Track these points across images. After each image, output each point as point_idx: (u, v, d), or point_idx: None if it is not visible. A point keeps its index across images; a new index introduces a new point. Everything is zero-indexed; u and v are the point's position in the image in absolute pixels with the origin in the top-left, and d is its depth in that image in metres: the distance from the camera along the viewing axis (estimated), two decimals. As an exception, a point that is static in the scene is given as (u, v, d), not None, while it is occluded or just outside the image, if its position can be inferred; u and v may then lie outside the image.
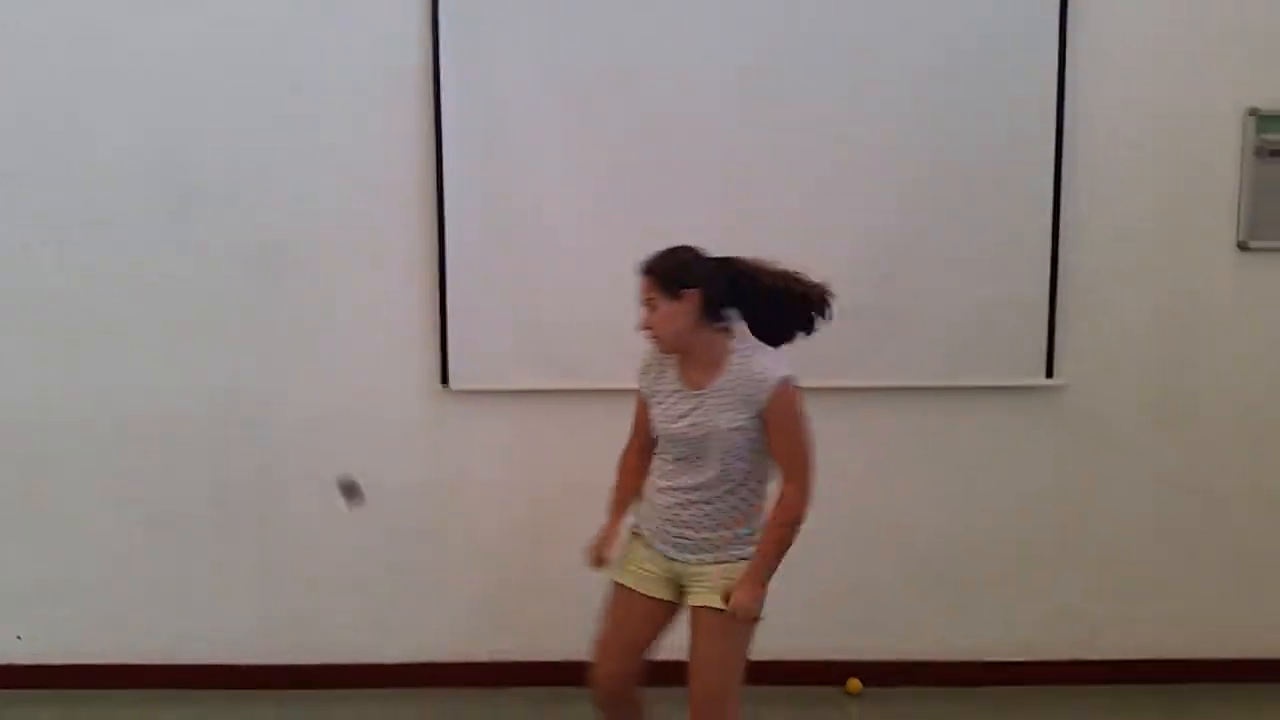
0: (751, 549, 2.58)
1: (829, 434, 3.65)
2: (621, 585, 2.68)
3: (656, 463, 2.69)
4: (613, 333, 3.54)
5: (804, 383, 3.54)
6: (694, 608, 2.59)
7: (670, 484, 2.61)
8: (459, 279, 3.59)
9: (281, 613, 3.78)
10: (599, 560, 2.71)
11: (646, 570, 2.65)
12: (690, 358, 2.59)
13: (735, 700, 2.59)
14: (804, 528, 3.63)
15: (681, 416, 2.56)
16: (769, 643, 3.71)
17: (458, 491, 3.72)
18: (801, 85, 3.54)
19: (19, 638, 3.79)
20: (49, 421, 3.70)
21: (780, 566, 2.62)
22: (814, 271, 3.52)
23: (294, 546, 3.75)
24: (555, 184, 3.56)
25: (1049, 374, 3.64)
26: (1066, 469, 3.73)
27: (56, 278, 3.65)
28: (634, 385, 2.75)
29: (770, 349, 2.60)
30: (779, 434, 2.54)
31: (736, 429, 2.51)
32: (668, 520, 2.61)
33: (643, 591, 2.65)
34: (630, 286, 2.59)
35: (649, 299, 2.54)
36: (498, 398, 3.65)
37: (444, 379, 3.65)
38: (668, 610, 2.66)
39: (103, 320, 3.66)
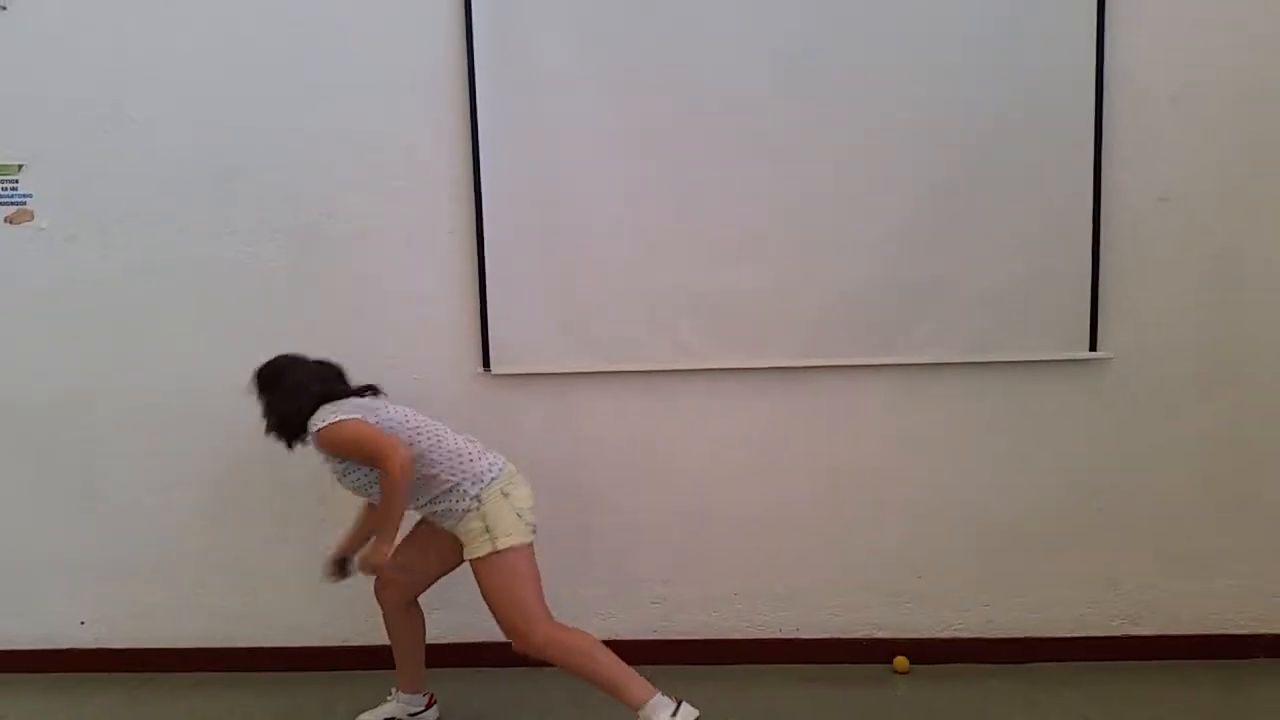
0: (464, 502, 3.02)
1: (875, 409, 3.69)
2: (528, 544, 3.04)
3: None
4: (650, 315, 3.58)
5: (850, 360, 3.56)
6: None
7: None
8: (498, 263, 3.63)
9: (335, 594, 3.83)
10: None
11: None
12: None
13: (533, 621, 2.95)
14: (855, 501, 3.72)
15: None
16: (814, 619, 3.76)
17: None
18: (841, 61, 3.53)
19: (83, 623, 3.91)
20: (102, 409, 3.81)
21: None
22: (855, 247, 3.55)
23: (342, 531, 3.79)
24: (592, 167, 3.58)
25: (1093, 347, 3.59)
26: (1112, 442, 3.68)
27: (103, 267, 3.76)
28: (673, 366, 2.77)
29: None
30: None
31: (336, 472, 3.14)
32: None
33: None
34: (669, 268, 2.58)
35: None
36: (539, 381, 3.68)
37: (485, 363, 3.69)
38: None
39: (150, 307, 3.77)
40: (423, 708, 3.38)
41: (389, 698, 3.38)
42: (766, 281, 3.58)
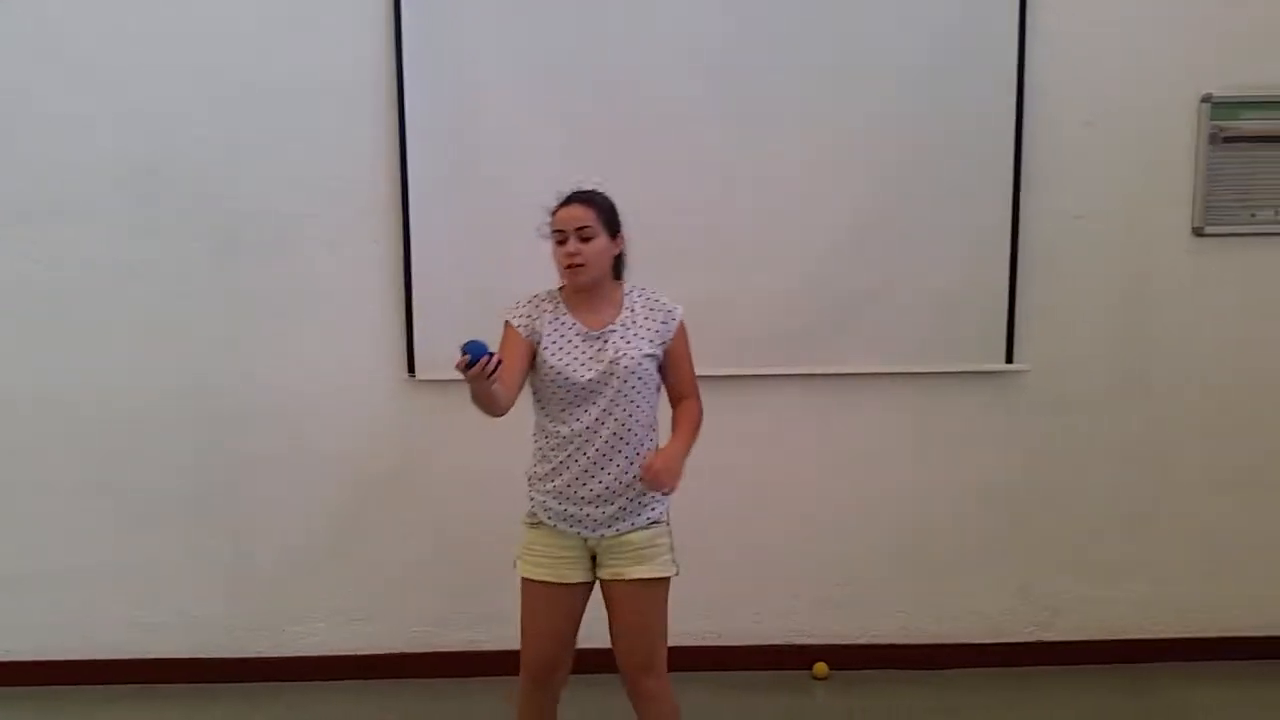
0: (659, 509, 2.60)
1: (796, 418, 3.73)
2: (536, 583, 2.60)
3: (542, 444, 2.61)
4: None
5: (772, 370, 3.61)
6: (616, 581, 2.56)
7: (563, 462, 2.54)
8: (425, 268, 3.61)
9: (252, 604, 3.78)
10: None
11: (560, 557, 2.58)
12: (588, 300, 2.58)
13: (665, 663, 2.62)
14: (778, 511, 3.73)
15: (590, 358, 2.52)
16: (736, 626, 3.79)
17: (426, 481, 3.73)
18: (770, 73, 3.57)
19: (-13, 634, 3.78)
20: (12, 410, 3.69)
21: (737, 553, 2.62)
22: (781, 260, 3.60)
23: (264, 536, 3.75)
24: (522, 175, 3.55)
25: (1009, 359, 3.68)
26: (1028, 453, 3.77)
27: (15, 265, 3.64)
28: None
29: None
30: (682, 360, 2.63)
31: (648, 356, 2.54)
32: (572, 500, 2.55)
33: (559, 581, 2.58)
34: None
35: (586, 229, 2.50)
36: (464, 387, 3.63)
37: (410, 368, 3.65)
38: (586, 591, 2.62)
39: (68, 307, 3.66)
40: None
41: None
42: (694, 292, 3.58)
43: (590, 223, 2.50)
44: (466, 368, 2.30)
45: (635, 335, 2.54)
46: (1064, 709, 3.49)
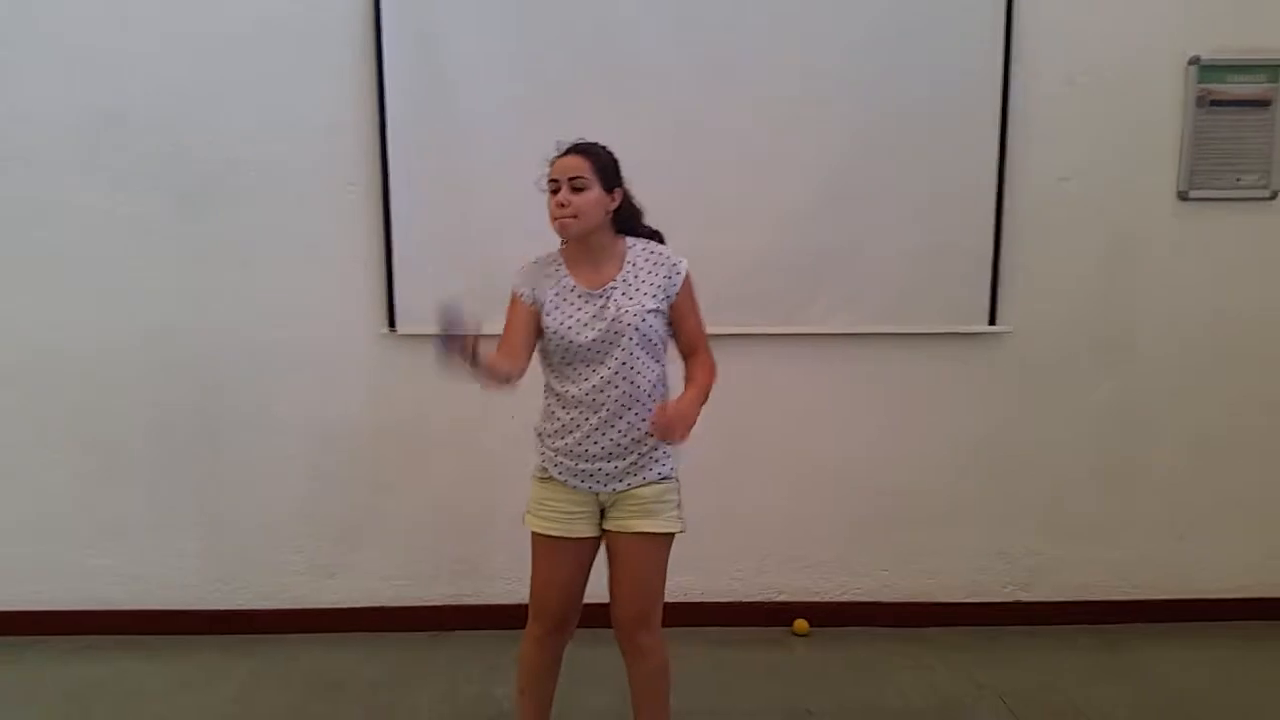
0: (670, 464, 2.56)
1: (774, 378, 3.73)
2: (547, 537, 2.56)
3: (551, 403, 2.56)
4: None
5: (751, 329, 3.61)
6: (621, 534, 2.54)
7: (572, 420, 2.50)
8: (404, 219, 3.57)
9: (225, 556, 3.76)
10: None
11: (570, 512, 2.55)
12: (586, 256, 2.53)
13: (660, 622, 2.60)
14: (758, 469, 3.73)
15: (592, 317, 2.47)
16: (717, 584, 3.81)
17: (405, 435, 3.71)
18: (745, 31, 3.53)
19: (-41, 584, 3.74)
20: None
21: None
22: (758, 217, 3.58)
23: (237, 489, 3.73)
24: (500, 123, 3.52)
25: (992, 320, 3.69)
26: (1008, 414, 3.79)
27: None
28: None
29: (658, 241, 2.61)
30: (689, 314, 2.56)
31: (651, 311, 2.48)
32: (583, 457, 2.50)
33: (568, 536, 2.55)
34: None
35: (578, 179, 2.44)
36: (446, 342, 3.62)
37: (390, 322, 3.62)
38: (595, 545, 2.60)
39: (33, 255, 3.61)
40: None
41: None
42: (681, 249, 3.57)
43: (584, 173, 2.45)
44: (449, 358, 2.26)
45: (637, 291, 2.49)
46: (1040, 669, 3.52)
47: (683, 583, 3.73)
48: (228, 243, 3.61)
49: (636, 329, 2.46)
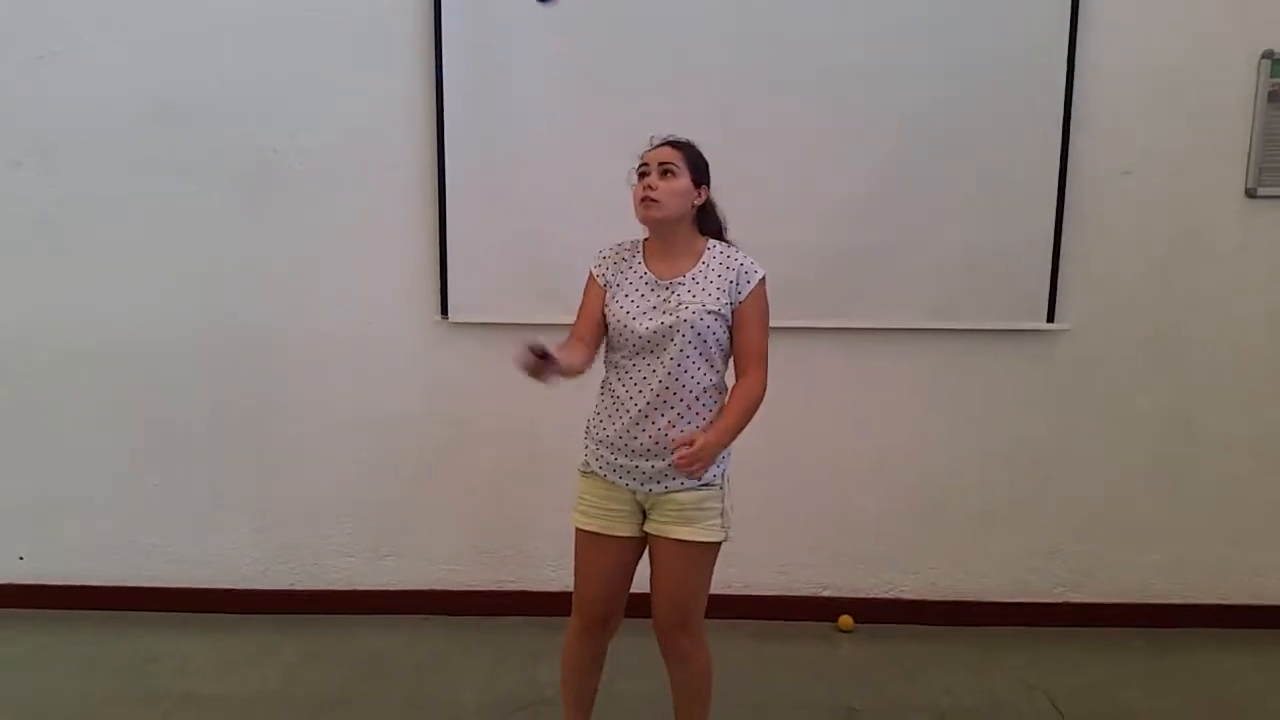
0: (715, 470, 2.48)
1: (828, 372, 3.70)
2: (587, 533, 2.56)
3: (602, 394, 2.56)
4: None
5: (804, 323, 3.58)
6: (660, 538, 2.50)
7: (616, 411, 2.49)
8: (460, 210, 3.58)
9: (278, 538, 3.82)
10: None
11: (610, 509, 2.54)
12: (664, 248, 2.52)
13: (703, 626, 2.57)
14: (806, 464, 3.69)
15: (653, 307, 2.46)
16: (762, 578, 3.79)
17: (456, 421, 3.73)
18: (801, 21, 3.50)
19: (21, 558, 3.84)
20: (46, 343, 3.72)
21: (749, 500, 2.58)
22: (812, 210, 3.54)
23: (291, 472, 3.78)
24: (555, 115, 3.53)
25: (1050, 318, 3.62)
26: (1063, 413, 3.73)
27: (47, 197, 3.65)
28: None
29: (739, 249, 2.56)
30: (753, 324, 2.49)
31: (710, 312, 2.43)
32: (623, 451, 2.49)
33: (609, 533, 2.54)
34: (629, 225, 2.55)
35: (669, 165, 2.45)
36: (498, 330, 3.63)
37: (444, 310, 3.64)
38: (638, 545, 2.57)
39: (94, 241, 3.67)
40: None
41: None
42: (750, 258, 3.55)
43: (676, 162, 2.46)
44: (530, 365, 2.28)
45: (703, 290, 2.46)
46: (1089, 670, 3.47)
47: (727, 575, 3.73)
48: (285, 232, 3.66)
49: (692, 326, 2.43)
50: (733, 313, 2.48)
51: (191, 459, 3.77)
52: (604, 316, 2.54)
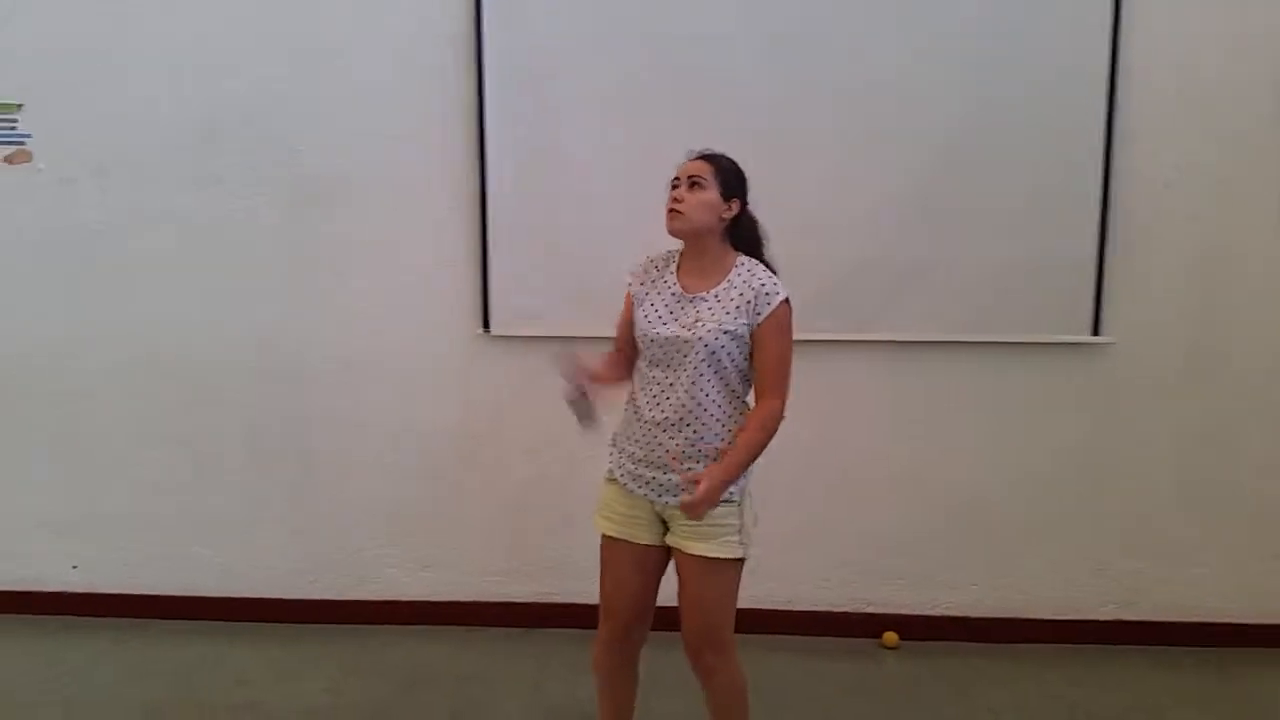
0: (733, 487, 2.46)
1: (871, 385, 3.68)
2: (608, 538, 2.60)
3: (627, 404, 2.59)
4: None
5: (845, 335, 3.56)
6: (679, 553, 2.51)
7: (636, 421, 2.53)
8: (501, 223, 3.61)
9: (323, 549, 3.86)
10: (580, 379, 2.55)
11: (630, 516, 2.57)
12: (695, 261, 2.53)
13: (731, 642, 2.55)
14: (848, 478, 3.65)
15: (673, 317, 2.48)
16: (804, 593, 3.77)
17: (496, 435, 3.75)
18: (839, 23, 3.48)
19: (75, 567, 3.91)
20: (96, 357, 3.79)
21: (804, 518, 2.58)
22: (851, 220, 3.52)
23: (333, 484, 3.83)
24: (596, 132, 3.55)
25: (1095, 331, 3.58)
26: (1111, 427, 3.67)
27: (97, 214, 3.72)
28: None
29: (767, 268, 2.54)
30: (770, 347, 2.45)
31: (726, 332, 2.42)
32: (643, 462, 2.52)
33: (630, 539, 2.56)
34: (668, 238, 2.55)
35: (698, 179, 2.46)
36: (539, 344, 3.64)
37: (485, 324, 3.67)
38: (661, 554, 2.58)
39: (142, 257, 3.74)
40: None
41: None
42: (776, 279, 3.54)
43: (705, 175, 2.47)
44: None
45: (722, 309, 2.45)
46: (1136, 689, 3.41)
47: (769, 589, 3.71)
48: (329, 246, 3.70)
49: (706, 345, 2.42)
50: (751, 334, 2.46)
51: (238, 471, 3.83)
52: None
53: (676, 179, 2.51)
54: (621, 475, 2.58)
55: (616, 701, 2.71)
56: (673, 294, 2.52)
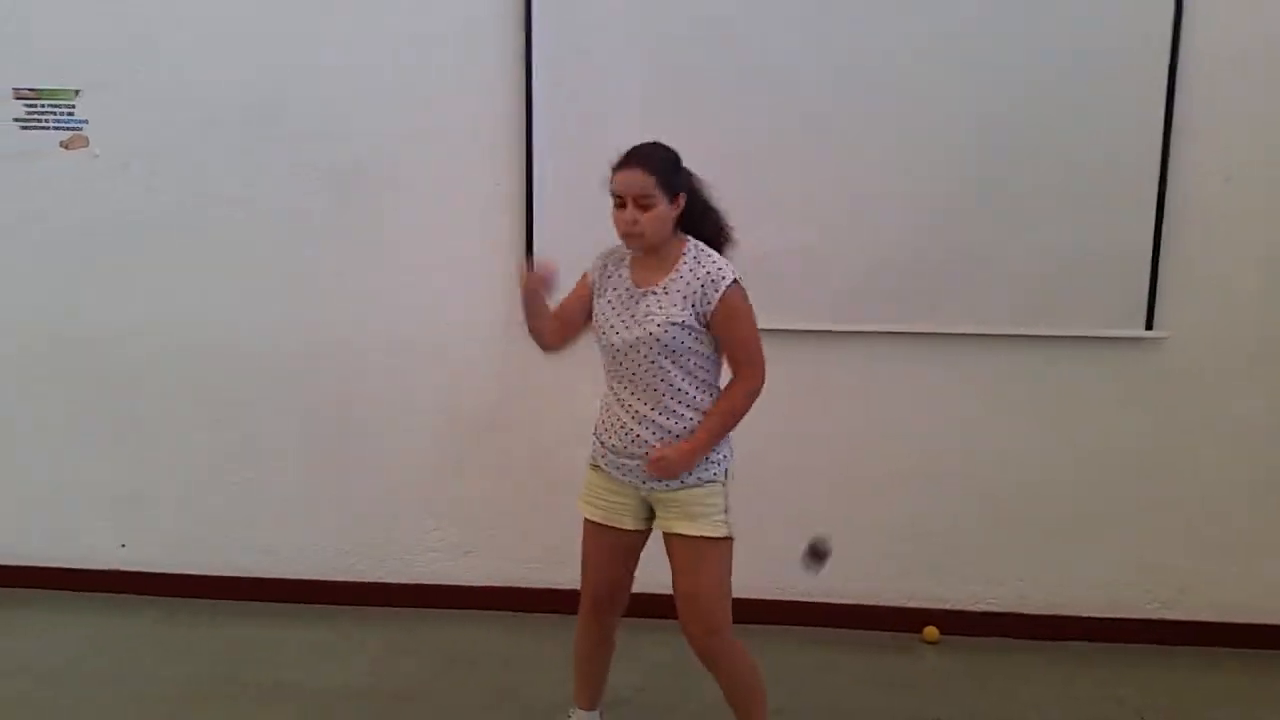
0: (715, 469, 2.54)
1: (915, 378, 3.64)
2: (591, 522, 2.68)
3: (604, 393, 2.65)
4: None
5: (896, 326, 3.51)
6: (668, 535, 2.58)
7: (619, 407, 2.55)
8: (544, 216, 3.61)
9: (363, 533, 3.90)
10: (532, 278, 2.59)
11: (613, 502, 2.64)
12: (651, 257, 2.54)
13: (728, 625, 2.59)
14: (893, 469, 3.61)
15: (624, 318, 2.52)
16: (846, 586, 3.74)
17: (539, 423, 3.76)
18: (890, 11, 3.44)
19: (123, 545, 3.97)
20: (143, 343, 3.85)
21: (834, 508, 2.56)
22: (904, 213, 3.49)
23: (377, 470, 3.86)
24: (642, 128, 3.51)
25: (1149, 325, 3.51)
26: (1160, 423, 3.61)
27: (150, 199, 3.77)
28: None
29: (714, 251, 2.54)
30: (730, 331, 2.48)
31: (675, 324, 2.44)
32: (623, 453, 2.56)
33: (613, 525, 2.64)
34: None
35: (644, 198, 2.43)
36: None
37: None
38: (641, 539, 2.68)
39: (192, 243, 3.78)
40: None
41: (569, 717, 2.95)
42: (806, 243, 3.51)
43: (650, 191, 2.43)
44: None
45: (670, 301, 2.47)
46: (1185, 689, 3.36)
47: (810, 582, 3.67)
48: (374, 233, 3.73)
49: (658, 340, 2.46)
50: (707, 322, 2.47)
51: (281, 456, 3.87)
52: (584, 311, 2.66)
53: (620, 197, 2.46)
54: (605, 463, 2.64)
55: (588, 674, 2.86)
56: (626, 290, 2.56)
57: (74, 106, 3.74)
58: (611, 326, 2.54)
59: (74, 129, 3.76)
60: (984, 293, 3.53)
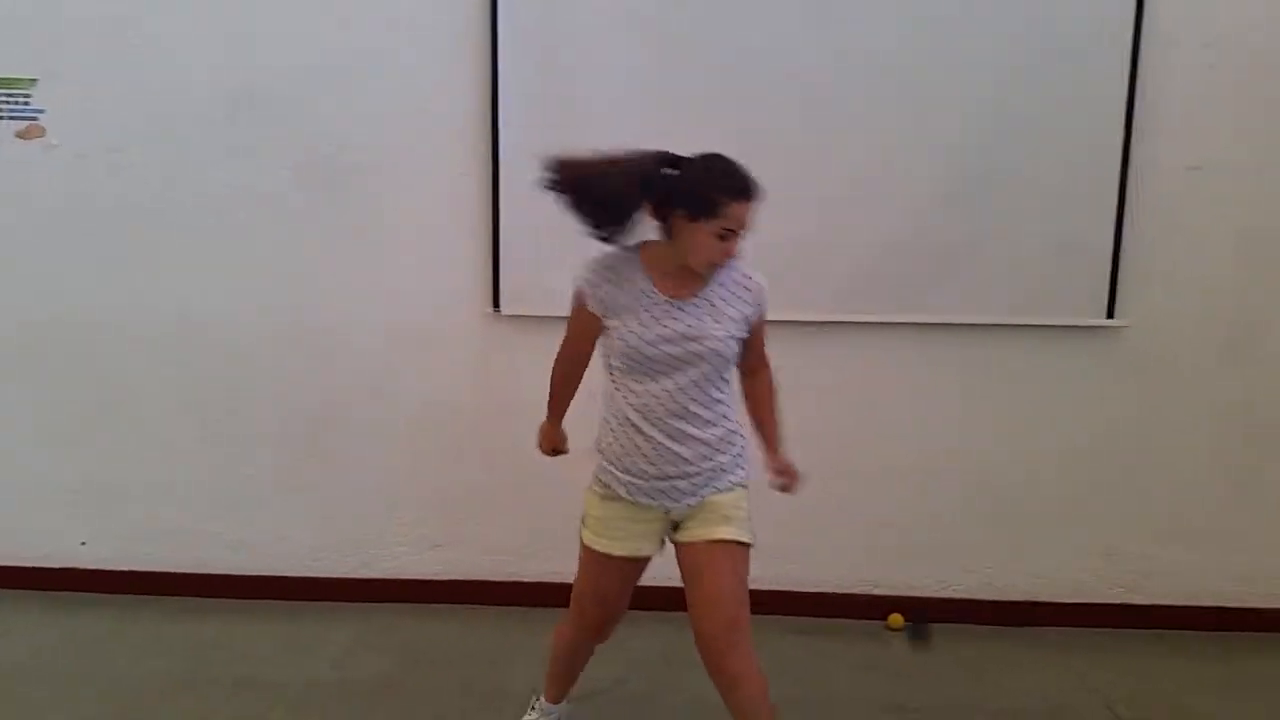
0: (743, 473, 2.51)
1: (887, 368, 3.65)
2: (609, 556, 2.50)
3: (612, 416, 2.49)
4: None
5: (860, 317, 3.53)
6: (699, 544, 2.43)
7: (651, 429, 2.40)
8: (513, 202, 3.58)
9: (335, 528, 3.86)
10: (556, 450, 2.81)
11: (636, 531, 2.49)
12: (669, 264, 2.38)
13: (753, 646, 2.45)
14: (862, 458, 3.68)
15: (672, 332, 2.35)
16: (814, 574, 3.76)
17: (509, 414, 3.73)
18: (865, 10, 3.45)
19: (83, 543, 3.91)
20: (115, 330, 3.78)
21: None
22: (885, 206, 3.50)
23: (345, 462, 3.83)
24: (618, 113, 3.51)
25: (1110, 314, 3.55)
26: (1125, 411, 3.65)
27: (113, 187, 3.70)
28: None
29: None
30: (761, 332, 2.52)
31: (733, 337, 2.40)
32: (657, 477, 2.42)
33: (635, 555, 2.50)
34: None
35: (746, 225, 2.31)
36: (550, 324, 3.62)
37: (495, 303, 3.65)
38: (648, 561, 2.55)
39: (159, 231, 3.72)
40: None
41: (532, 707, 2.91)
42: (795, 235, 3.52)
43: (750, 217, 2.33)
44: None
45: (723, 315, 2.39)
46: (1150, 673, 3.40)
47: (778, 572, 3.70)
48: (346, 225, 3.69)
49: (719, 354, 2.39)
50: (749, 324, 2.47)
51: (253, 447, 3.83)
52: (595, 342, 2.51)
53: (729, 229, 2.29)
54: (629, 492, 2.46)
55: (571, 674, 2.83)
56: (659, 305, 2.37)
57: (30, 95, 3.67)
58: (650, 344, 2.35)
59: (30, 119, 3.69)
60: (961, 285, 3.56)
